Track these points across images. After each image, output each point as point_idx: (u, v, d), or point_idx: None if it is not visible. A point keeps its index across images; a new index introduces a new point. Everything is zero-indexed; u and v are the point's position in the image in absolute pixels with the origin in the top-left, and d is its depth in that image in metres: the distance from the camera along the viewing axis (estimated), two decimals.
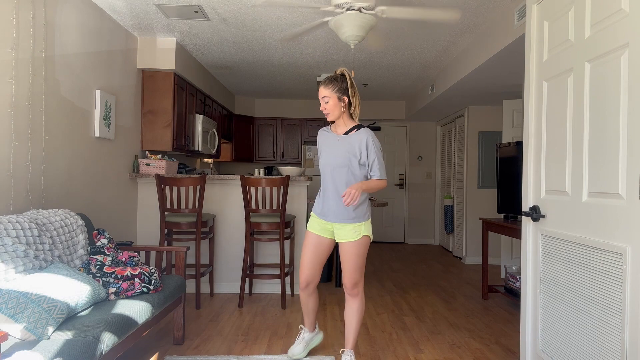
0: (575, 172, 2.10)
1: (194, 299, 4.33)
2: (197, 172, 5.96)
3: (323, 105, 2.80)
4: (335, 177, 2.81)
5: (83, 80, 3.68)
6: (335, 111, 2.79)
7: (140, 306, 2.51)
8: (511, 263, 5.63)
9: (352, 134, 2.82)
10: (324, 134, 2.94)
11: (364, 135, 2.78)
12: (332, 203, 2.82)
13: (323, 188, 2.89)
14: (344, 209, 2.79)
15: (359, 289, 2.88)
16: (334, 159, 2.80)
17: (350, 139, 2.80)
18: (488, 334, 3.60)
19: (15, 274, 2.26)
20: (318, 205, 2.92)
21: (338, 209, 2.80)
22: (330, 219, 2.84)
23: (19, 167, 2.92)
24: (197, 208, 4.10)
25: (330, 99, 2.77)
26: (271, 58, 5.45)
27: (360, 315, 2.90)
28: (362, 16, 3.72)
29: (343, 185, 2.80)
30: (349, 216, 2.79)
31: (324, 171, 2.86)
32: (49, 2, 3.17)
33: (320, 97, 2.80)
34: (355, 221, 2.80)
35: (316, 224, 2.90)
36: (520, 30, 3.56)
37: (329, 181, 2.84)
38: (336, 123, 2.87)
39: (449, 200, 7.63)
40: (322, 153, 2.89)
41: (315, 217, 2.93)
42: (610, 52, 1.87)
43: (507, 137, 5.64)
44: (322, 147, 2.91)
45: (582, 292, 2.06)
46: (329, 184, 2.84)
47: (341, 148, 2.80)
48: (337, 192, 2.81)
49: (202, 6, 3.88)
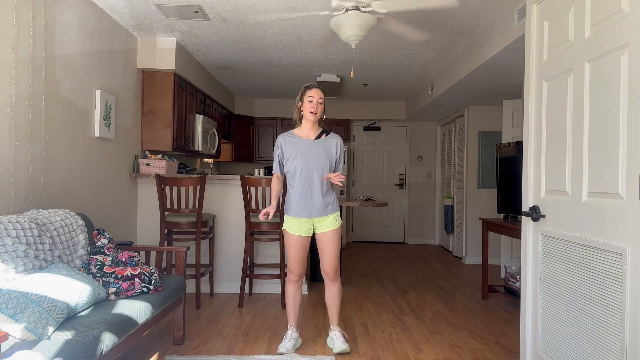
0: (575, 172, 2.10)
1: (194, 299, 4.33)
2: (197, 172, 5.96)
3: (316, 105, 3.11)
4: (316, 176, 3.11)
5: (83, 80, 3.68)
6: (320, 114, 3.17)
7: (140, 306, 2.51)
8: (511, 263, 5.63)
9: (325, 137, 3.21)
10: (292, 139, 3.18)
11: (338, 139, 3.23)
12: (317, 200, 3.12)
13: (305, 189, 3.12)
14: (326, 204, 3.15)
15: (337, 273, 3.22)
16: (315, 160, 3.10)
17: (326, 142, 3.18)
18: (488, 334, 3.60)
19: (16, 274, 2.26)
20: (299, 207, 3.13)
21: (321, 205, 3.13)
22: (315, 215, 3.13)
23: (19, 167, 2.92)
24: (197, 208, 4.10)
25: (323, 103, 3.16)
26: (271, 58, 5.45)
27: (341, 295, 3.26)
28: (362, 16, 3.72)
29: (322, 183, 3.13)
30: (330, 208, 3.17)
31: (305, 173, 3.10)
32: (49, 2, 3.17)
33: (318, 97, 3.12)
34: (334, 211, 3.18)
35: (294, 226, 3.14)
36: (520, 30, 3.56)
37: (312, 181, 3.11)
38: (308, 126, 3.18)
39: (449, 200, 7.63)
40: (297, 156, 3.11)
41: (292, 219, 3.16)
42: (610, 52, 1.87)
43: (507, 137, 5.64)
44: (293, 151, 3.13)
45: (582, 292, 2.06)
46: (314, 184, 3.11)
47: (318, 150, 3.13)
48: (320, 190, 3.12)
49: (202, 6, 3.88)
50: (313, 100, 3.10)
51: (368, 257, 7.04)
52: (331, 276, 3.19)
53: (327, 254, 3.16)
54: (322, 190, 3.13)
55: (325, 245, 3.16)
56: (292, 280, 3.24)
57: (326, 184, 3.16)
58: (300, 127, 3.24)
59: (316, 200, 3.12)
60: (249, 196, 4.13)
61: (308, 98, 3.11)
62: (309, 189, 3.12)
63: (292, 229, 3.14)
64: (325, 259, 3.18)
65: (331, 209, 3.17)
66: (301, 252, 3.18)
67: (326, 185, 3.16)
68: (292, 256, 3.18)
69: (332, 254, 3.16)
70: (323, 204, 3.13)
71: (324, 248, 3.17)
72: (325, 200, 3.14)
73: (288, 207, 3.19)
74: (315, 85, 3.16)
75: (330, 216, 3.16)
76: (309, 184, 3.12)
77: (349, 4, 3.70)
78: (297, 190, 3.13)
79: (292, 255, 3.18)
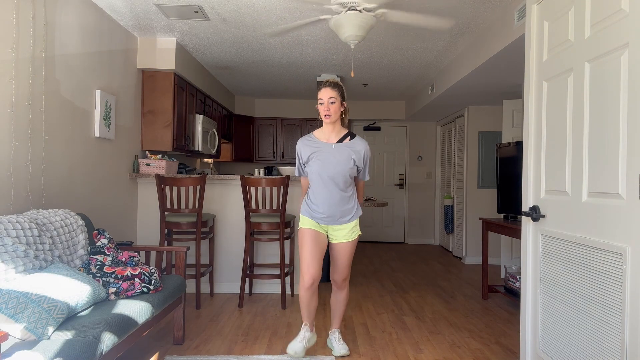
0: (575, 172, 2.10)
1: (194, 299, 4.33)
2: (197, 172, 5.96)
3: (327, 106, 2.88)
4: (338, 183, 2.91)
5: (83, 80, 3.68)
6: (336, 114, 2.91)
7: (140, 306, 2.51)
8: (511, 263, 5.63)
9: (349, 142, 2.96)
10: (311, 143, 2.97)
11: (364, 147, 2.98)
12: (334, 209, 2.93)
13: (323, 196, 2.92)
14: (343, 212, 2.95)
15: (347, 282, 3.12)
16: (335, 166, 2.88)
17: (351, 148, 2.93)
18: (488, 334, 3.60)
19: (16, 274, 2.26)
20: (315, 212, 2.96)
21: (338, 213, 2.95)
22: (331, 222, 2.96)
23: (19, 167, 2.92)
24: (197, 208, 4.10)
25: (336, 101, 2.90)
26: (271, 58, 5.45)
27: (346, 302, 3.18)
28: (362, 16, 3.72)
29: (344, 189, 2.94)
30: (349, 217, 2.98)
31: (321, 179, 2.91)
32: (49, 2, 3.17)
33: (327, 97, 2.88)
34: (352, 220, 2.99)
35: (309, 223, 2.98)
36: (520, 30, 3.56)
37: (329, 188, 2.91)
38: (328, 128, 2.96)
39: (449, 200, 7.63)
40: (316, 161, 2.91)
41: (306, 218, 3.00)
42: (610, 52, 1.87)
43: (507, 137, 5.64)
44: (310, 156, 2.94)
45: (582, 292, 2.06)
46: (331, 191, 2.91)
47: (341, 156, 2.90)
48: (341, 197, 2.93)
49: (202, 6, 3.88)
50: (323, 102, 2.89)
51: (368, 257, 7.04)
52: (339, 284, 3.10)
53: (340, 265, 3.03)
54: (340, 197, 2.92)
55: (337, 257, 3.02)
56: (305, 286, 2.93)
57: (347, 190, 2.95)
58: (321, 128, 3.02)
59: (333, 208, 2.92)
60: (249, 196, 4.13)
61: (319, 101, 2.92)
62: (326, 196, 2.91)
63: (304, 223, 2.98)
64: (337, 270, 3.05)
65: (349, 218, 2.97)
66: (314, 248, 2.92)
67: (347, 190, 2.95)
68: (304, 254, 2.93)
69: (344, 266, 3.03)
70: (340, 213, 2.94)
71: (336, 259, 3.03)
72: (342, 208, 2.94)
73: (303, 208, 3.03)
74: (325, 84, 2.92)
75: (348, 225, 2.98)
76: (326, 191, 2.91)
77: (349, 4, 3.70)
78: (313, 196, 2.96)
79: (304, 253, 2.93)
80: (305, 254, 2.92)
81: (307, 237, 2.93)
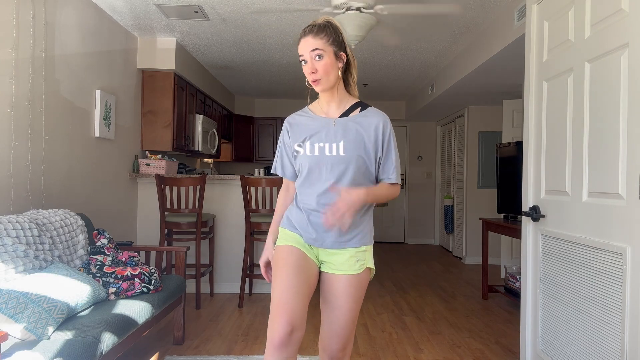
0: (575, 172, 2.10)
1: (194, 299, 4.33)
2: (197, 172, 5.96)
3: (312, 64, 1.72)
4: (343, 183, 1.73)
5: (83, 80, 3.68)
6: (330, 75, 1.74)
7: (140, 306, 2.51)
8: (511, 263, 5.63)
9: (358, 114, 1.80)
10: (302, 119, 1.85)
11: (380, 119, 1.81)
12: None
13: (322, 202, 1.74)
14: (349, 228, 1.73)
15: (347, 352, 1.80)
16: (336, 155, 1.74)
17: (360, 122, 1.78)
18: (488, 334, 3.60)
19: (15, 274, 2.26)
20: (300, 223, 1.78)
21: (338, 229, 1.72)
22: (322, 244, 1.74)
23: (19, 167, 2.92)
24: (197, 208, 4.10)
25: (325, 54, 1.70)
26: (271, 58, 5.45)
27: None
28: (362, 16, 3.72)
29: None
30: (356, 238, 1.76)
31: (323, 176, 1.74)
32: (49, 2, 3.17)
33: (309, 50, 1.70)
34: (359, 244, 1.76)
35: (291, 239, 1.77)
36: (520, 30, 3.56)
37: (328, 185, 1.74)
38: (325, 97, 1.82)
39: (449, 200, 7.63)
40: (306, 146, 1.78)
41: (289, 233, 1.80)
42: (610, 52, 1.87)
43: (507, 137, 5.63)
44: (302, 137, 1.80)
45: (582, 292, 2.06)
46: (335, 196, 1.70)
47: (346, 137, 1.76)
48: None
49: (202, 6, 3.88)
50: (306, 60, 1.73)
51: None
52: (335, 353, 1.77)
53: (337, 321, 1.74)
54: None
55: (335, 301, 1.74)
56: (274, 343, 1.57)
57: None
58: (318, 99, 1.88)
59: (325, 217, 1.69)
60: (249, 196, 4.13)
61: (300, 58, 1.76)
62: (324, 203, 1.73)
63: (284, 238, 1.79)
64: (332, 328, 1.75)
65: (355, 240, 1.75)
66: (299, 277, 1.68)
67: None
68: (277, 286, 1.66)
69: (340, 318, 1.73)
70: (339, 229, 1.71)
71: (332, 305, 1.75)
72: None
73: (284, 219, 1.85)
74: (305, 31, 1.74)
75: (349, 251, 1.74)
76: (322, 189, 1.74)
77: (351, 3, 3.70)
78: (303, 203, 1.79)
79: (278, 284, 1.67)
80: (280, 284, 1.66)
81: (287, 258, 1.72)
